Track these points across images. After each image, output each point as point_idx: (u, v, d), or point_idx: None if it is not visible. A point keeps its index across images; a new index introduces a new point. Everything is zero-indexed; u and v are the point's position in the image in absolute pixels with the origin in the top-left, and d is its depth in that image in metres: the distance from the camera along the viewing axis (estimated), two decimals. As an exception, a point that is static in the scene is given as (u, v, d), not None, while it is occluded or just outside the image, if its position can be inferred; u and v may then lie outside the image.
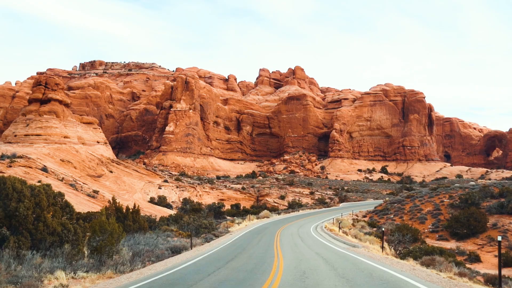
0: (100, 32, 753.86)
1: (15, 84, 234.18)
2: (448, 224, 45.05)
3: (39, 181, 58.55)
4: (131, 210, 26.82)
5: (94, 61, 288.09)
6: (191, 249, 25.10)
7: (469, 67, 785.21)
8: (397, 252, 25.61)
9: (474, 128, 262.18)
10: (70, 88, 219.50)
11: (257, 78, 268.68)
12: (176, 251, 23.18)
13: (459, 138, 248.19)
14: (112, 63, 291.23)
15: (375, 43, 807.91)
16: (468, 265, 31.52)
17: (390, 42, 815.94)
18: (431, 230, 46.99)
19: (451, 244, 41.70)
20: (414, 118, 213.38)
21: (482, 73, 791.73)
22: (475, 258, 36.76)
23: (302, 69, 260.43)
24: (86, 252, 16.62)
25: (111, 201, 26.85)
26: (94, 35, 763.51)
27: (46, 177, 60.77)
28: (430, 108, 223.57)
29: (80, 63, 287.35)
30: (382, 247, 24.36)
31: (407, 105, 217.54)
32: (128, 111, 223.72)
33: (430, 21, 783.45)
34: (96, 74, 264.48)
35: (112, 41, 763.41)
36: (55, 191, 17.22)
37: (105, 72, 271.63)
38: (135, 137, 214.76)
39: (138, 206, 28.50)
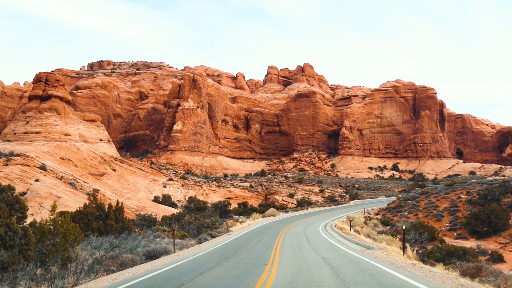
0: (108, 33, 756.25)
1: (23, 84, 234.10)
2: (467, 222, 42.25)
3: (37, 180, 56.42)
4: (113, 208, 24.01)
5: (102, 61, 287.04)
6: (174, 252, 21.54)
7: (478, 64, 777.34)
8: (417, 254, 22.29)
9: (487, 125, 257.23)
10: (77, 88, 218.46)
11: (265, 76, 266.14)
12: (154, 255, 19.77)
13: (471, 135, 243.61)
14: (120, 62, 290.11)
15: (384, 41, 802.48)
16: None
17: (399, 40, 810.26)
18: (448, 228, 44.15)
19: (470, 243, 38.92)
20: (426, 115, 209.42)
21: (491, 71, 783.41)
22: (498, 258, 34.14)
23: (311, 66, 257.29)
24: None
25: (91, 197, 24.23)
26: (102, 36, 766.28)
27: (44, 175, 58.61)
28: (442, 104, 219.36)
29: (88, 63, 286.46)
30: (403, 249, 20.28)
31: (418, 102, 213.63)
32: (136, 110, 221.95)
33: (439, 18, 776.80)
34: (104, 74, 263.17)
35: (120, 41, 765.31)
36: (4, 185, 14.58)
37: (113, 72, 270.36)
38: (143, 136, 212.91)
39: (122, 203, 25.92)
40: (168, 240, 25.91)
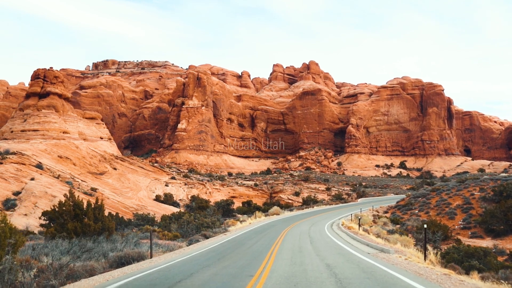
0: (113, 33, 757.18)
1: (28, 85, 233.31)
2: (482, 220, 39.85)
3: (32, 179, 54.51)
4: (92, 206, 21.66)
5: (107, 61, 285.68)
6: (151, 257, 18.33)
7: (483, 62, 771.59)
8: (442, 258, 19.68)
9: (495, 122, 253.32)
10: (82, 88, 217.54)
11: (271, 74, 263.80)
12: (126, 261, 16.61)
13: (479, 132, 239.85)
14: (125, 62, 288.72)
15: (389, 39, 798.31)
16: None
17: (404, 38, 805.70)
18: (462, 226, 41.78)
19: (487, 242, 36.57)
20: (433, 112, 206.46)
21: (497, 68, 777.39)
22: (516, 258, 31.75)
23: (317, 64, 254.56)
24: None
25: (68, 194, 22.01)
26: (107, 36, 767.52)
27: (41, 174, 56.71)
28: (449, 101, 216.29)
29: (93, 63, 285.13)
30: (425, 253, 17.05)
31: (425, 99, 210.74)
32: (140, 109, 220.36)
33: (444, 16, 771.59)
34: (109, 73, 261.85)
35: (125, 41, 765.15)
36: None
37: (118, 71, 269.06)
38: (148, 135, 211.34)
39: (102, 200, 23.81)
40: (156, 241, 23.53)
